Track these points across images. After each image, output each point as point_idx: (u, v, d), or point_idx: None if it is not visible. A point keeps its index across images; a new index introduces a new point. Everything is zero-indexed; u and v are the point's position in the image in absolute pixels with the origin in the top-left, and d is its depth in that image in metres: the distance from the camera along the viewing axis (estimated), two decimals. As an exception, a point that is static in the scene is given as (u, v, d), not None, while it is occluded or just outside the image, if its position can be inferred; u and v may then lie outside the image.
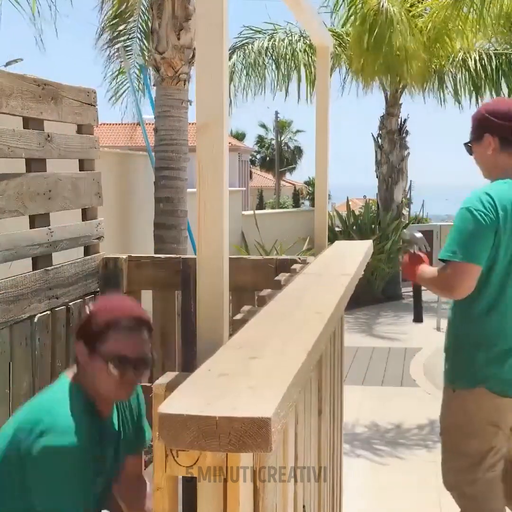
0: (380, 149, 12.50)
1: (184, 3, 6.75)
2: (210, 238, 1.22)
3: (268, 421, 0.89)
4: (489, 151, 2.85)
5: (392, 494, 4.28)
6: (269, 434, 0.88)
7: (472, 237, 2.67)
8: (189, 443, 0.90)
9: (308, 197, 46.40)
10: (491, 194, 2.71)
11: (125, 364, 1.95)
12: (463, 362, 2.84)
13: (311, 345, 1.25)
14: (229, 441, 0.89)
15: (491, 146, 2.84)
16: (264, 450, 0.89)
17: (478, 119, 2.90)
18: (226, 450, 0.90)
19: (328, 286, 2.05)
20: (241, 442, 0.89)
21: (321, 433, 1.97)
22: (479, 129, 2.88)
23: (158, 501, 1.04)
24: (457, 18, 10.61)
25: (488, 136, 2.84)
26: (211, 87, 1.20)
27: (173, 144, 6.88)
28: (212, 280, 1.23)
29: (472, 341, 2.81)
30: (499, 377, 2.78)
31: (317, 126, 3.01)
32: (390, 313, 10.52)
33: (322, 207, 3.07)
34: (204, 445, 0.90)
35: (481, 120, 2.88)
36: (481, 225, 2.67)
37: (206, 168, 1.21)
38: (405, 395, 6.43)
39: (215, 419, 0.89)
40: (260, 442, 0.89)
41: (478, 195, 2.73)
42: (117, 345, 1.95)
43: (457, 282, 2.70)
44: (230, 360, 1.15)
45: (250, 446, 0.89)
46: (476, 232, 2.67)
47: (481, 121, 2.88)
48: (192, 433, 0.89)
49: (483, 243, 2.68)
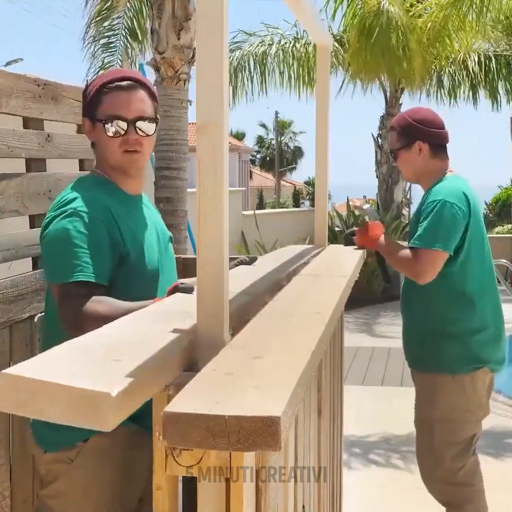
0: (380, 149, 12.52)
1: (184, 3, 6.75)
2: (210, 239, 1.22)
3: (278, 420, 0.89)
4: (420, 157, 3.06)
5: (392, 494, 4.28)
6: (279, 432, 0.89)
7: (448, 228, 2.88)
8: (198, 442, 0.90)
9: (308, 197, 46.39)
10: (465, 191, 2.95)
11: (119, 120, 1.95)
12: (463, 347, 2.93)
13: (314, 345, 1.25)
14: (238, 440, 0.89)
15: (422, 152, 3.05)
16: (274, 449, 0.89)
17: (405, 127, 3.08)
18: (236, 449, 0.90)
19: (327, 286, 2.05)
20: (250, 441, 0.89)
21: (321, 433, 1.97)
22: (408, 137, 3.07)
23: (159, 501, 1.04)
24: (457, 18, 10.61)
25: (420, 143, 3.04)
26: (211, 87, 1.20)
27: (173, 144, 6.88)
28: (213, 280, 1.23)
29: (468, 325, 2.96)
30: (497, 356, 3.03)
31: (317, 125, 3.01)
32: (390, 313, 10.51)
33: (322, 207, 3.07)
34: (214, 444, 0.90)
35: (409, 128, 3.06)
36: (457, 219, 2.89)
37: (206, 168, 1.21)
38: (405, 395, 6.41)
39: (225, 418, 0.89)
40: (269, 441, 0.89)
41: (456, 190, 2.95)
42: (110, 105, 1.96)
43: (429, 269, 2.88)
44: (234, 360, 1.15)
45: (260, 445, 0.89)
46: (452, 224, 2.88)
47: (409, 129, 3.06)
48: (202, 432, 0.89)
49: (456, 235, 2.90)
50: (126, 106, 1.96)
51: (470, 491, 3.02)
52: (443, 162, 3.09)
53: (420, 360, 3.05)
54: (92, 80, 2.06)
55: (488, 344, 2.99)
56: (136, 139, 1.97)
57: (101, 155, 2.04)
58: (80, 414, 0.93)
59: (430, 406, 2.99)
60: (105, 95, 1.97)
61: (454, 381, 2.92)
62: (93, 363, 1.05)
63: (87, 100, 2.03)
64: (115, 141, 1.96)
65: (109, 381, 0.96)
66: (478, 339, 2.95)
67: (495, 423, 4.99)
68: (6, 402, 0.96)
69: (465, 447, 2.98)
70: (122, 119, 1.95)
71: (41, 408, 0.94)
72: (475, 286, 2.97)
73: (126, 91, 1.97)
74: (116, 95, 1.96)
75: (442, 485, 3.04)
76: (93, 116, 1.99)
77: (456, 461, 2.97)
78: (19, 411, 0.96)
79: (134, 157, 2.01)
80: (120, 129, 1.95)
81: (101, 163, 2.06)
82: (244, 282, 1.83)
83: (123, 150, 1.97)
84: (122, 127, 1.95)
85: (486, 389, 3.04)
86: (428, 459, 3.04)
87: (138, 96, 1.99)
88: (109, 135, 1.96)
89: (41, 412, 0.95)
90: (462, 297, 2.96)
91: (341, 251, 3.08)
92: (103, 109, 1.96)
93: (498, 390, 5.86)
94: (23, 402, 0.95)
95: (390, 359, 7.72)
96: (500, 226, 19.18)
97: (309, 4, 2.50)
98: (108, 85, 1.97)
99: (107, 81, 1.98)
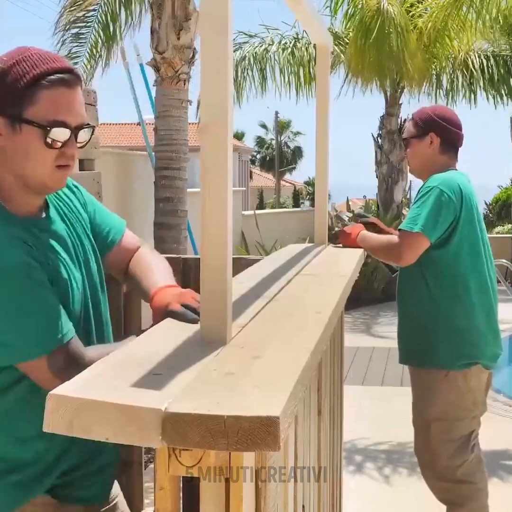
0: (380, 149, 12.52)
1: (184, 3, 6.76)
2: (213, 239, 1.22)
3: (277, 420, 0.89)
4: (430, 149, 3.10)
5: (392, 494, 4.28)
6: (278, 432, 0.89)
7: (432, 214, 2.91)
8: (197, 442, 0.90)
9: (308, 197, 46.40)
10: (460, 184, 2.98)
11: (62, 127, 1.49)
12: (454, 342, 2.94)
13: (313, 344, 1.25)
14: (237, 440, 0.89)
15: (432, 145, 3.09)
16: (273, 449, 0.89)
17: (424, 119, 3.14)
18: (235, 449, 0.90)
19: (327, 286, 2.05)
20: (250, 441, 0.89)
21: (320, 433, 1.97)
22: (423, 127, 3.12)
23: (161, 501, 1.04)
24: (457, 18, 10.62)
25: (432, 135, 3.08)
26: (216, 86, 1.20)
27: (173, 144, 6.89)
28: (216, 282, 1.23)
29: (458, 320, 2.98)
30: (490, 352, 3.04)
31: (317, 125, 3.00)
32: (390, 313, 10.50)
33: (322, 207, 3.07)
34: (213, 444, 0.90)
35: (427, 119, 3.12)
36: (443, 206, 2.92)
37: (210, 168, 1.21)
38: (405, 395, 6.40)
39: (224, 418, 0.89)
40: (268, 441, 0.89)
41: (451, 181, 2.98)
42: (52, 106, 1.48)
43: (407, 251, 2.95)
44: (234, 360, 1.15)
45: (259, 445, 0.89)
46: (437, 210, 2.92)
47: (427, 121, 3.11)
48: (201, 432, 0.89)
49: (439, 222, 2.93)
50: (71, 109, 1.51)
51: (470, 489, 3.02)
52: (450, 161, 3.12)
53: (413, 355, 3.08)
54: (12, 61, 1.48)
55: (479, 341, 2.99)
56: (73, 152, 1.53)
57: (14, 164, 1.51)
58: (129, 431, 0.93)
59: (425, 404, 3.01)
60: (43, 90, 1.46)
61: (447, 378, 2.94)
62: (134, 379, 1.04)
63: (5, 90, 1.47)
64: (50, 153, 1.49)
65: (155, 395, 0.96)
66: (468, 334, 2.97)
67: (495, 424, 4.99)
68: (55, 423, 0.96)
69: (462, 444, 2.98)
70: (65, 126, 1.49)
71: (89, 427, 0.94)
72: (466, 281, 2.98)
73: (69, 88, 1.50)
74: (59, 93, 1.48)
75: (441, 483, 3.05)
76: (16, 114, 1.47)
77: (454, 459, 2.98)
78: (69, 432, 0.95)
79: (65, 174, 1.57)
80: (60, 139, 1.49)
81: (8, 172, 1.53)
82: (245, 282, 1.83)
83: (56, 164, 1.52)
84: (64, 137, 1.49)
85: (482, 386, 3.05)
86: (426, 457, 3.05)
87: (79, 96, 1.53)
88: (48, 145, 1.48)
89: (90, 432, 0.95)
90: (452, 292, 2.98)
91: (341, 250, 3.07)
92: (41, 109, 1.47)
93: (498, 390, 5.86)
94: (70, 422, 0.95)
95: (390, 359, 7.71)
96: (500, 226, 19.18)
97: (309, 4, 2.50)
98: (48, 77, 1.47)
99: (46, 71, 1.47)
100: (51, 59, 1.50)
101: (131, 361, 1.14)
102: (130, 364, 1.12)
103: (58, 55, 1.57)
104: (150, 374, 1.06)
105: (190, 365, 1.10)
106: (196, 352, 1.17)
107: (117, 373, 1.09)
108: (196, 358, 1.13)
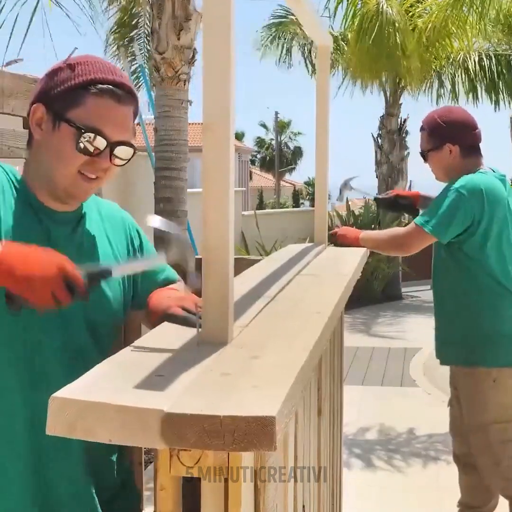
0: (380, 149, 12.52)
1: (184, 3, 6.75)
2: (214, 240, 1.22)
3: (273, 420, 0.89)
4: (451, 158, 3.05)
5: (392, 494, 4.28)
6: (274, 432, 0.88)
7: (445, 215, 2.91)
8: (193, 442, 0.90)
9: (308, 197, 46.39)
10: (485, 188, 2.93)
11: (99, 136, 1.46)
12: (506, 340, 2.93)
13: (312, 344, 1.25)
14: (233, 440, 0.89)
15: (452, 154, 3.04)
16: (269, 449, 0.89)
17: (435, 128, 3.08)
18: (231, 449, 0.90)
19: (327, 286, 2.05)
20: (246, 441, 0.89)
21: (320, 433, 1.97)
22: (437, 138, 3.06)
23: (162, 502, 1.04)
24: (457, 18, 10.62)
25: (449, 145, 3.03)
26: (218, 85, 1.19)
27: (173, 144, 6.88)
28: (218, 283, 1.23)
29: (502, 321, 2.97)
30: None
31: (317, 125, 3.00)
32: (389, 313, 10.52)
33: (322, 207, 3.07)
34: (209, 444, 0.90)
35: (439, 129, 3.06)
36: (460, 209, 2.90)
37: (211, 168, 1.21)
38: (405, 395, 6.43)
39: (220, 418, 0.89)
40: (264, 441, 0.89)
41: (474, 184, 2.94)
42: (95, 114, 1.47)
43: (412, 243, 3.00)
44: (232, 360, 1.15)
45: (255, 445, 0.89)
46: (452, 212, 2.91)
47: (439, 130, 3.05)
48: (197, 433, 0.89)
49: (453, 224, 2.92)
50: (113, 122, 1.49)
51: None
52: (476, 160, 3.08)
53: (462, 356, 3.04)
54: (73, 62, 1.52)
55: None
56: (104, 165, 1.50)
57: (45, 162, 1.51)
58: (132, 432, 0.92)
59: (478, 409, 2.98)
60: (91, 95, 1.47)
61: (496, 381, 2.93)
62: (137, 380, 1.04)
63: (56, 85, 1.49)
64: (79, 158, 1.47)
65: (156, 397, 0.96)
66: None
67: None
68: (59, 425, 0.95)
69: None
70: (102, 136, 1.47)
71: (93, 429, 0.94)
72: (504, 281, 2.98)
73: (119, 103, 1.49)
74: (106, 104, 1.48)
75: (505, 482, 3.05)
76: (60, 111, 1.48)
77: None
78: (72, 434, 0.95)
79: (90, 186, 1.52)
80: (94, 148, 1.47)
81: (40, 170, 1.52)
82: (246, 282, 1.83)
83: (80, 170, 1.49)
84: (98, 147, 1.47)
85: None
86: (487, 459, 3.03)
87: (128, 114, 1.52)
88: (78, 149, 1.46)
89: (93, 434, 0.94)
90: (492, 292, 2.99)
91: (342, 250, 3.07)
92: (83, 113, 1.46)
93: None
94: (73, 424, 0.94)
95: (390, 359, 7.72)
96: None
97: (309, 4, 2.50)
98: (99, 85, 1.48)
99: (98, 79, 1.48)
100: (109, 71, 1.51)
101: (133, 362, 1.15)
102: (132, 365, 1.12)
103: (120, 70, 1.58)
104: (152, 375, 1.06)
105: (191, 366, 1.10)
106: (198, 353, 1.17)
107: (120, 374, 1.09)
108: (198, 359, 1.13)
